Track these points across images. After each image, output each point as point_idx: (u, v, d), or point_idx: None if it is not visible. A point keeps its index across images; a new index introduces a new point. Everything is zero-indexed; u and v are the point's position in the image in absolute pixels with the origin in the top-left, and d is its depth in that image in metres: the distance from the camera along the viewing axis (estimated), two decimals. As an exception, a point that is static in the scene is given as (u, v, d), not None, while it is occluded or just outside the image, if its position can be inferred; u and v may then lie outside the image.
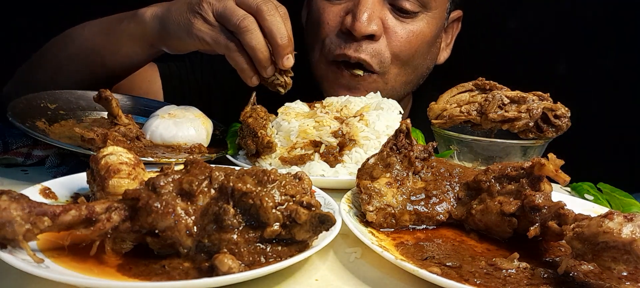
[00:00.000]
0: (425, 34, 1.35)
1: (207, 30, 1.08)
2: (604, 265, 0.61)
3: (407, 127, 0.86)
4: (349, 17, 1.27)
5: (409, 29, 1.32)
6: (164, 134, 1.12)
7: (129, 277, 0.59)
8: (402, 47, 1.32)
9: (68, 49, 1.32)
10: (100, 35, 1.27)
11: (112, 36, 1.25)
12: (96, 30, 1.29)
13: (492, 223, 0.77)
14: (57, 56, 1.33)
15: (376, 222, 0.79)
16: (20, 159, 1.04)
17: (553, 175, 0.73)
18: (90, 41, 1.29)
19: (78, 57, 1.30)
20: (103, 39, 1.26)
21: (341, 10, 1.31)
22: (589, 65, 2.06)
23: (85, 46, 1.29)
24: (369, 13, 1.25)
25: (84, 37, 1.30)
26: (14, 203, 0.57)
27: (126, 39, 1.23)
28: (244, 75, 1.12)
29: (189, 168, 0.67)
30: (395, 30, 1.31)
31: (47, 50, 1.38)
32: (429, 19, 1.35)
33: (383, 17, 1.29)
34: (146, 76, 1.53)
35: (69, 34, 1.34)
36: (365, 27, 1.24)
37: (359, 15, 1.24)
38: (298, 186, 0.66)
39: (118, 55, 1.26)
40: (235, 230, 0.62)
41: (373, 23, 1.26)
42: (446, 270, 0.67)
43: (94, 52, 1.27)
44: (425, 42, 1.37)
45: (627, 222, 0.59)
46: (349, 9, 1.29)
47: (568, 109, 1.07)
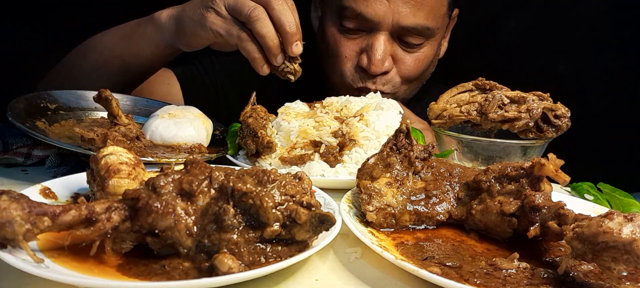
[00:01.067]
0: (429, 56, 1.53)
1: (220, 23, 1.13)
2: (604, 265, 0.61)
3: (407, 127, 0.86)
4: (364, 58, 1.45)
5: (415, 57, 1.50)
6: (164, 134, 1.12)
7: (129, 277, 0.59)
8: (410, 71, 1.50)
9: (90, 59, 1.37)
10: (120, 41, 1.33)
11: (132, 41, 1.31)
12: (116, 37, 1.35)
13: (492, 223, 0.77)
14: (80, 67, 1.38)
15: (376, 222, 0.79)
16: (20, 159, 1.04)
17: (553, 175, 0.73)
18: (111, 48, 1.35)
19: (100, 65, 1.35)
20: (124, 45, 1.32)
21: (356, 47, 1.47)
22: (589, 65, 2.06)
23: (107, 54, 1.35)
24: (381, 57, 1.42)
25: (104, 45, 1.36)
26: (14, 203, 0.57)
27: (146, 42, 1.29)
28: (256, 64, 1.15)
29: (189, 169, 0.67)
30: (404, 60, 1.48)
31: (68, 61, 1.43)
32: (432, 43, 1.52)
33: (393, 53, 1.47)
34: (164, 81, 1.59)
35: (89, 44, 1.39)
36: (379, 69, 1.43)
37: (374, 58, 1.42)
38: (298, 186, 0.66)
39: (139, 58, 1.32)
40: (235, 230, 0.63)
41: (386, 62, 1.44)
42: (446, 270, 0.67)
43: (115, 58, 1.34)
44: (429, 61, 1.55)
45: (627, 222, 0.59)
46: (363, 49, 1.46)
47: (568, 109, 1.06)
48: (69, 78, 1.38)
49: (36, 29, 2.05)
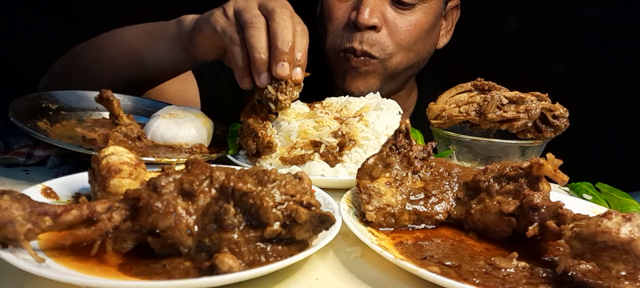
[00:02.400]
0: (422, 22, 1.49)
1: (221, 21, 1.10)
2: (603, 264, 0.61)
3: (406, 127, 0.86)
4: (354, 12, 1.43)
5: (408, 19, 1.46)
6: (165, 134, 1.12)
7: (130, 276, 0.60)
8: (402, 36, 1.46)
9: (109, 50, 1.37)
10: (142, 37, 1.33)
11: (153, 38, 1.30)
12: (139, 32, 1.34)
13: (491, 222, 0.77)
14: (98, 56, 1.38)
15: (376, 222, 0.79)
16: (21, 159, 1.04)
17: (552, 175, 0.73)
18: (132, 43, 1.34)
19: (118, 57, 1.35)
20: (145, 41, 1.32)
21: (348, 7, 1.47)
22: (588, 65, 2.06)
23: (127, 47, 1.34)
24: (370, 7, 1.40)
25: (126, 38, 1.35)
26: (15, 203, 0.58)
27: (166, 41, 1.27)
28: (237, 74, 1.10)
29: (189, 168, 0.67)
30: (395, 22, 1.45)
31: (86, 49, 1.42)
32: (426, 8, 1.49)
33: (383, 11, 1.44)
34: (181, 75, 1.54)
35: (111, 36, 1.39)
36: (367, 20, 1.39)
37: (362, 9, 1.40)
38: (298, 186, 0.66)
39: (155, 57, 1.31)
40: (236, 230, 0.63)
41: (374, 16, 1.41)
42: (445, 270, 0.67)
43: (134, 53, 1.33)
44: (423, 30, 1.50)
45: (626, 221, 0.59)
46: (354, 6, 1.45)
47: (566, 109, 1.07)
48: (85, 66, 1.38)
49: (36, 28, 2.05)
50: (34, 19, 2.07)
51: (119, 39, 1.37)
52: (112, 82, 1.29)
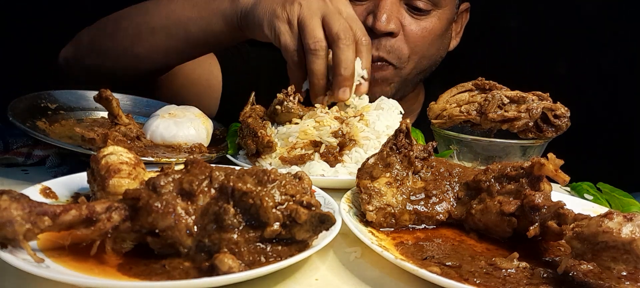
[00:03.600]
0: (437, 28, 1.50)
1: (284, 31, 1.13)
2: (604, 264, 0.61)
3: (406, 127, 0.86)
4: (370, 17, 1.42)
5: (423, 25, 1.47)
6: (164, 134, 1.12)
7: (130, 276, 0.60)
8: (418, 41, 1.47)
9: (151, 20, 1.35)
10: (190, 9, 1.31)
11: (203, 11, 1.29)
12: (186, 5, 1.33)
13: (491, 223, 0.77)
14: (138, 27, 1.37)
15: (376, 222, 0.79)
16: (20, 159, 1.04)
17: (553, 174, 0.73)
18: (178, 14, 1.33)
19: (161, 29, 1.34)
20: (193, 13, 1.30)
21: (363, 11, 1.45)
22: (589, 65, 2.06)
23: (171, 18, 1.33)
24: (387, 14, 1.40)
25: (171, 9, 1.34)
26: (14, 203, 0.57)
27: (217, 16, 1.27)
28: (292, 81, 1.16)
29: (189, 168, 0.67)
30: (411, 27, 1.46)
31: (123, 18, 1.41)
32: (440, 14, 1.49)
33: (400, 16, 1.44)
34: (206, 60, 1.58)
35: (152, 5, 1.38)
36: (384, 26, 1.40)
37: (379, 15, 1.39)
38: (298, 186, 0.66)
39: (205, 30, 1.30)
40: (236, 230, 0.63)
41: (391, 22, 1.41)
42: (446, 270, 0.67)
43: (179, 26, 1.32)
44: (437, 36, 1.51)
45: (627, 221, 0.59)
46: (370, 10, 1.44)
47: (568, 109, 1.07)
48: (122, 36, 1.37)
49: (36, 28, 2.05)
50: (34, 18, 2.06)
51: (162, 10, 1.35)
52: (153, 54, 1.35)
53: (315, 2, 1.13)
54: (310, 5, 1.13)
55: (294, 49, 1.13)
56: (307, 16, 1.11)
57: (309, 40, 1.10)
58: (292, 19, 1.13)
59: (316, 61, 1.11)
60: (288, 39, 1.13)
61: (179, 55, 1.39)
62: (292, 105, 1.10)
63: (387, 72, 1.47)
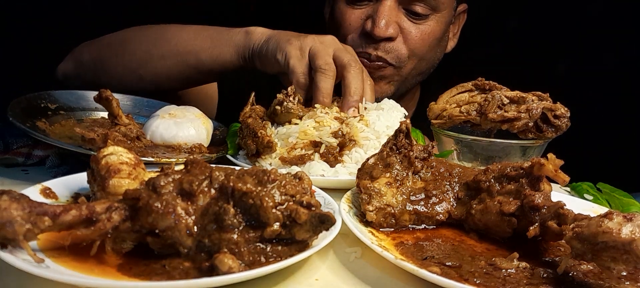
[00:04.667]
0: (435, 32, 1.51)
1: (294, 55, 1.20)
2: (604, 264, 0.61)
3: (406, 127, 0.86)
4: (369, 22, 1.43)
5: (422, 29, 1.48)
6: (164, 134, 1.12)
7: (130, 276, 0.60)
8: (416, 45, 1.49)
9: (161, 47, 1.39)
10: (203, 40, 1.37)
11: (216, 42, 1.35)
12: (199, 35, 1.39)
13: (491, 223, 0.77)
14: (148, 51, 1.40)
15: (376, 222, 0.79)
16: (20, 159, 1.04)
17: (552, 175, 0.73)
18: (191, 43, 1.38)
19: (172, 56, 1.38)
20: (206, 44, 1.36)
21: (362, 15, 1.46)
22: (589, 65, 2.06)
23: (183, 47, 1.38)
24: (386, 19, 1.41)
25: (183, 38, 1.39)
26: (14, 203, 0.57)
27: (230, 48, 1.33)
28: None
29: (189, 168, 0.67)
30: (410, 31, 1.47)
31: (130, 41, 1.44)
32: (438, 18, 1.50)
33: (398, 20, 1.45)
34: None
35: (164, 31, 1.42)
36: (383, 32, 1.41)
37: (378, 21, 1.40)
38: (298, 186, 0.66)
39: (216, 60, 1.35)
40: (236, 230, 0.63)
41: (390, 27, 1.42)
42: (446, 270, 0.67)
43: (190, 54, 1.37)
44: (436, 38, 1.53)
45: (627, 221, 0.59)
46: (369, 15, 1.45)
47: (567, 109, 1.07)
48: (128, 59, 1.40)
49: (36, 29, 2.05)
50: (34, 18, 2.06)
51: (174, 37, 1.39)
52: (159, 78, 1.39)
53: (327, 39, 1.22)
54: (323, 40, 1.22)
55: (301, 71, 1.19)
56: (320, 47, 1.19)
57: (320, 61, 1.16)
58: (304, 47, 1.20)
59: (325, 80, 1.15)
60: (296, 63, 1.19)
61: (186, 81, 1.44)
62: (292, 105, 1.11)
63: (387, 71, 1.48)
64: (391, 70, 1.48)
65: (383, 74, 1.48)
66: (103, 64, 1.43)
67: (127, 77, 1.39)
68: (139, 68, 1.39)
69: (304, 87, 1.19)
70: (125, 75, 1.39)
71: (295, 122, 1.12)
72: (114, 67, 1.41)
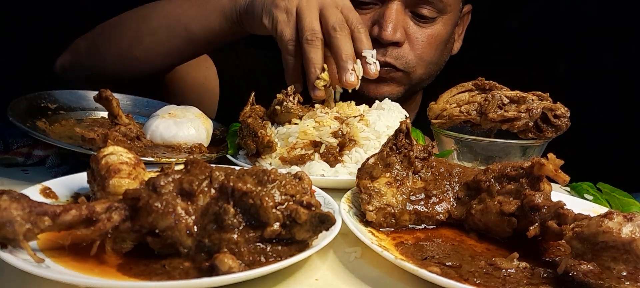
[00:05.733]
0: (442, 35, 1.50)
1: (281, 20, 1.15)
2: (604, 264, 0.61)
3: (406, 127, 0.86)
4: (376, 28, 1.42)
5: (428, 33, 1.47)
6: (164, 134, 1.12)
7: (130, 276, 0.60)
8: (424, 49, 1.48)
9: (151, 22, 1.37)
10: (189, 8, 1.34)
11: (203, 9, 1.31)
12: (185, 4, 1.35)
13: (491, 223, 0.77)
14: (137, 29, 1.38)
15: (376, 222, 0.79)
16: (20, 159, 1.04)
17: (553, 175, 0.73)
18: (177, 13, 1.35)
19: (161, 29, 1.35)
20: (192, 12, 1.33)
21: (368, 20, 1.44)
22: (589, 65, 2.06)
23: (171, 18, 1.35)
24: (393, 24, 1.39)
25: (169, 10, 1.36)
26: (14, 203, 0.57)
27: (217, 13, 1.29)
28: (288, 78, 1.17)
29: (189, 168, 0.67)
30: (416, 35, 1.46)
31: (120, 23, 1.42)
32: (445, 21, 1.49)
33: (405, 25, 1.44)
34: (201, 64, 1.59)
35: (151, 7, 1.39)
36: (391, 36, 1.39)
37: (386, 25, 1.39)
38: (298, 186, 0.66)
39: (205, 27, 1.32)
40: (236, 230, 0.63)
41: (397, 32, 1.41)
42: (446, 270, 0.67)
43: (180, 23, 1.34)
44: (442, 41, 1.52)
45: (627, 221, 0.59)
46: (376, 19, 1.43)
47: (567, 109, 1.06)
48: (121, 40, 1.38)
49: (36, 29, 2.05)
50: (34, 19, 2.06)
51: (161, 11, 1.37)
52: (152, 55, 1.35)
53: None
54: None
55: (290, 38, 1.14)
56: (305, 7, 1.13)
57: (306, 32, 1.12)
58: (290, 9, 1.14)
59: (312, 51, 1.11)
60: (285, 28, 1.14)
61: (179, 55, 1.40)
62: (292, 105, 1.11)
63: (396, 75, 1.47)
64: (401, 75, 1.48)
65: (393, 77, 1.47)
66: (97, 50, 1.42)
67: (121, 60, 1.37)
68: (131, 47, 1.37)
69: (293, 53, 1.15)
70: (119, 57, 1.36)
71: (295, 122, 1.12)
72: (107, 51, 1.40)
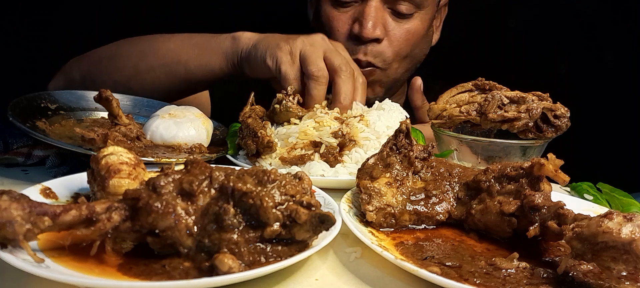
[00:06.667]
0: (419, 30, 1.52)
1: (286, 61, 1.20)
2: (604, 265, 0.61)
3: (406, 127, 0.86)
4: (356, 25, 1.45)
5: (406, 28, 1.49)
6: (164, 134, 1.12)
7: (130, 276, 0.60)
8: (401, 44, 1.50)
9: (150, 60, 1.40)
10: (190, 48, 1.37)
11: (204, 50, 1.35)
12: (186, 43, 1.39)
13: (491, 223, 0.77)
14: (136, 65, 1.40)
15: (376, 222, 0.79)
16: (20, 159, 1.04)
17: (552, 175, 0.73)
18: (178, 53, 1.38)
19: (161, 67, 1.38)
20: (194, 52, 1.36)
21: (349, 18, 1.47)
22: (589, 65, 2.06)
23: (170, 58, 1.38)
24: (373, 21, 1.42)
25: (170, 48, 1.39)
26: (14, 203, 0.57)
27: (218, 55, 1.34)
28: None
29: (189, 168, 0.67)
30: (395, 31, 1.48)
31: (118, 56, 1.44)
32: (422, 16, 1.52)
33: (384, 21, 1.46)
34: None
35: (151, 43, 1.42)
36: (371, 33, 1.42)
37: (366, 23, 1.42)
38: (298, 186, 0.66)
39: (205, 69, 1.36)
40: (236, 230, 0.63)
41: (377, 29, 1.43)
42: (446, 270, 0.67)
43: (179, 64, 1.37)
44: (420, 37, 1.54)
45: (627, 221, 0.59)
46: (356, 17, 1.46)
47: (567, 109, 1.06)
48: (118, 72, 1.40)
49: (36, 29, 2.05)
50: (34, 19, 2.06)
51: (161, 48, 1.39)
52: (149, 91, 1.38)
53: (317, 40, 1.22)
54: (313, 42, 1.22)
55: (293, 77, 1.19)
56: (310, 50, 1.19)
57: (313, 68, 1.17)
58: (294, 51, 1.20)
59: (318, 87, 1.17)
60: (289, 69, 1.19)
61: (177, 93, 1.43)
62: (291, 104, 1.11)
63: (376, 76, 1.49)
64: (380, 73, 1.50)
65: (373, 79, 1.49)
66: (93, 79, 1.43)
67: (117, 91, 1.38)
68: (128, 82, 1.39)
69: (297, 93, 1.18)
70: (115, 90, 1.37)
71: (295, 122, 1.12)
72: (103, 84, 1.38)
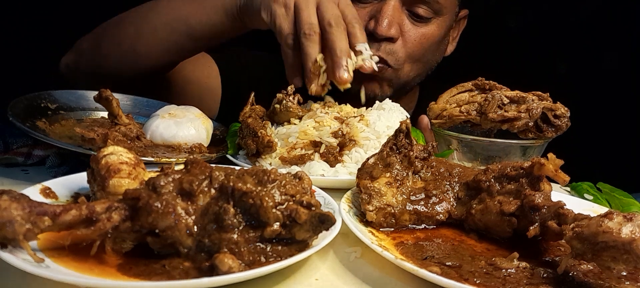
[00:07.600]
0: (435, 35, 1.51)
1: (280, 14, 1.16)
2: (604, 264, 0.61)
3: (406, 127, 0.86)
4: (372, 22, 1.43)
5: (422, 32, 1.49)
6: (164, 134, 1.12)
7: (130, 276, 0.60)
8: (415, 47, 1.49)
9: (152, 20, 1.39)
10: (189, 5, 1.36)
11: (203, 6, 1.33)
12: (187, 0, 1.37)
13: (491, 223, 0.77)
14: (139, 27, 1.40)
15: (376, 222, 0.79)
16: (20, 159, 1.04)
17: (552, 174, 0.73)
18: (178, 10, 1.36)
19: (163, 26, 1.37)
20: (192, 9, 1.35)
21: (366, 14, 1.46)
22: (589, 65, 2.06)
23: (172, 16, 1.37)
24: (389, 19, 1.41)
25: (170, 7, 1.38)
26: (14, 203, 0.57)
27: (217, 9, 1.31)
28: (288, 72, 1.18)
29: (189, 168, 0.67)
30: (410, 33, 1.47)
31: (122, 22, 1.44)
32: (440, 22, 1.51)
33: (401, 22, 1.46)
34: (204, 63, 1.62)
35: (152, 6, 1.41)
36: (386, 31, 1.41)
37: (381, 20, 1.41)
38: (298, 186, 0.66)
39: (206, 23, 1.33)
40: (236, 230, 0.63)
41: (392, 28, 1.42)
42: (446, 270, 0.67)
43: (180, 21, 1.35)
44: (435, 42, 1.53)
45: (627, 221, 0.59)
46: (372, 14, 1.45)
47: (568, 109, 1.07)
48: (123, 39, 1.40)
49: (36, 29, 2.05)
50: (34, 19, 2.06)
51: (162, 9, 1.39)
52: (154, 52, 1.37)
53: None
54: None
55: (288, 32, 1.16)
56: (303, 2, 1.15)
57: (303, 26, 1.13)
58: (288, 3, 1.16)
59: (310, 45, 1.12)
60: (283, 22, 1.16)
61: (180, 50, 1.42)
62: (291, 104, 1.11)
63: (387, 73, 1.48)
64: (391, 72, 1.48)
65: (383, 76, 1.48)
66: (100, 49, 1.43)
67: (124, 58, 1.38)
68: (133, 45, 1.38)
69: (292, 47, 1.16)
70: (122, 55, 1.38)
71: (295, 122, 1.12)
72: (110, 50, 1.41)
